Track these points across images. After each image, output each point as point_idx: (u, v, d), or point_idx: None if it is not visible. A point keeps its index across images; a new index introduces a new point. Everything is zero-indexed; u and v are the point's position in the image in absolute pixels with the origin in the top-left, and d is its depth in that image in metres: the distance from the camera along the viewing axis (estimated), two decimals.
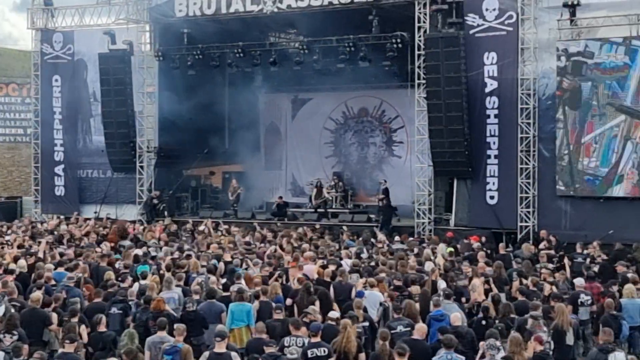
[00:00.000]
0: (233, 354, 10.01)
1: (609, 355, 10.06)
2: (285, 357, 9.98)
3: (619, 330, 12.17)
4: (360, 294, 13.17)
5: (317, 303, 12.71)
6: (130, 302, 12.88)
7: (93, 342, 11.14)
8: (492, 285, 14.20)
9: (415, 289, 13.88)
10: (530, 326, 11.10)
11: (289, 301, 13.30)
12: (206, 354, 10.11)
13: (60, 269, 15.12)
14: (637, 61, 20.50)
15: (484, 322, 11.95)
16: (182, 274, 14.56)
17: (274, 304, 12.51)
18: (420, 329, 10.79)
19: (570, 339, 11.59)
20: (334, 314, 11.77)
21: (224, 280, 14.32)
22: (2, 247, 18.14)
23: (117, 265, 16.06)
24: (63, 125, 29.08)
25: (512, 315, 12.01)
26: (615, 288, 14.06)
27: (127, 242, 20.15)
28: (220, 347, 10.03)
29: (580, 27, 21.43)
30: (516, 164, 21.93)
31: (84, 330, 11.36)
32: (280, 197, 27.95)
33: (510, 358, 9.59)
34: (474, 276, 14.59)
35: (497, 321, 11.90)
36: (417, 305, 12.79)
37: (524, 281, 14.46)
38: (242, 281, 14.06)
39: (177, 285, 13.71)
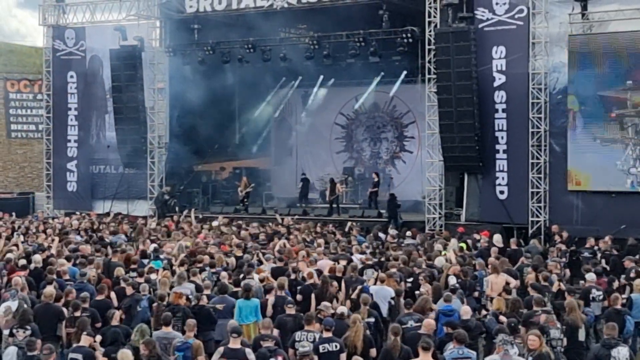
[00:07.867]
0: (248, 350, 9.96)
1: (612, 350, 10.00)
2: (297, 350, 9.98)
3: (623, 325, 12.10)
4: (365, 289, 13.15)
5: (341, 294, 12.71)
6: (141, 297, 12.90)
7: (104, 336, 11.18)
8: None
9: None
10: (544, 322, 11.07)
11: (299, 297, 13.29)
12: (220, 349, 10.05)
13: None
14: None
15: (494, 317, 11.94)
16: (197, 269, 14.57)
17: (289, 298, 12.51)
18: (427, 325, 10.79)
19: (582, 335, 11.51)
20: (342, 309, 11.76)
21: (241, 275, 14.26)
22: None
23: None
24: (78, 121, 29.18)
25: (521, 311, 11.97)
26: (615, 284, 13.96)
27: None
28: (235, 343, 9.99)
29: (591, 21, 21.33)
30: (527, 159, 21.86)
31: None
32: (304, 174, 28.52)
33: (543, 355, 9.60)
34: (492, 272, 14.53)
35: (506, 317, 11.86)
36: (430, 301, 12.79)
37: (539, 276, 14.38)
38: (255, 276, 14.04)
39: (191, 281, 13.71)
